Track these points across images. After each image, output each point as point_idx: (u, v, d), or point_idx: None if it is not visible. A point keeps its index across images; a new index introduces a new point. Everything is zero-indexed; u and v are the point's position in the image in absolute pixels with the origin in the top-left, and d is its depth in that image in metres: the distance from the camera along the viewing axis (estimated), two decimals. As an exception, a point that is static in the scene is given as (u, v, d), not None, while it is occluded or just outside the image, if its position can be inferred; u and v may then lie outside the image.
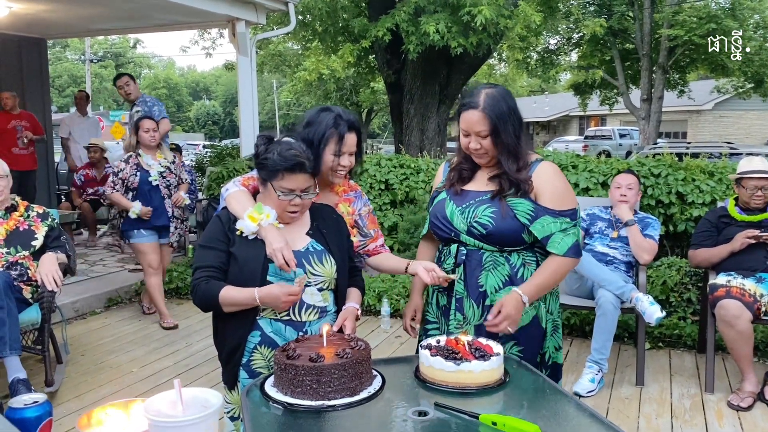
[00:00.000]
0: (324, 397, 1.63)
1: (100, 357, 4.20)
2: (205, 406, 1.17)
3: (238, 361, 2.04)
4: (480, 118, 2.07)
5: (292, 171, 1.95)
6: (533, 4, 9.73)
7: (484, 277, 2.12)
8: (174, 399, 1.17)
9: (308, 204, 2.05)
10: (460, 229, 2.14)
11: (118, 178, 4.65)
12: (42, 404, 1.13)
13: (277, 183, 1.96)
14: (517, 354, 2.12)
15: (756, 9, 17.74)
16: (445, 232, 2.18)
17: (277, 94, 40.86)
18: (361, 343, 1.77)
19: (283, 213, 2.01)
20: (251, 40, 7.42)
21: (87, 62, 33.19)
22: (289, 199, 1.97)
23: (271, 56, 14.70)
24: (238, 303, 1.95)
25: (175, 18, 7.34)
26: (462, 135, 2.15)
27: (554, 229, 2.07)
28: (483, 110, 2.07)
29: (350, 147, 2.22)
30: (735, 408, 3.37)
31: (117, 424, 1.13)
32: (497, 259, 2.12)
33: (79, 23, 7.71)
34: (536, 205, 2.09)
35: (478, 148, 2.10)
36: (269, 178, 1.98)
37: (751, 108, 27.33)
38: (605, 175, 5.07)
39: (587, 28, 12.75)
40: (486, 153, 2.11)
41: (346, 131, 2.19)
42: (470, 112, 2.09)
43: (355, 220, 2.35)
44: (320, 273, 2.03)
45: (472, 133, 2.10)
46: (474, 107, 2.08)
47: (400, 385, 1.81)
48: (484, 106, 2.07)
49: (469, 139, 2.11)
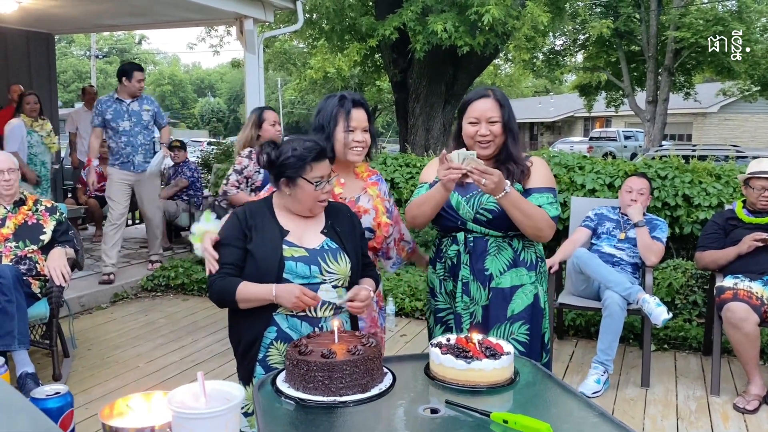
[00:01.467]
0: (335, 393, 1.63)
1: (106, 352, 4.22)
2: (228, 398, 1.18)
3: (254, 357, 2.05)
4: (493, 105, 2.28)
5: (318, 159, 2.04)
6: (540, 5, 9.72)
7: (490, 261, 2.30)
8: (197, 391, 1.18)
9: (331, 191, 2.12)
10: (467, 217, 2.30)
11: (243, 177, 4.00)
12: (64, 395, 1.14)
13: (308, 175, 2.02)
14: (525, 333, 2.30)
15: (763, 12, 17.69)
16: (452, 221, 2.32)
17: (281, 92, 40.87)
18: (372, 340, 1.77)
19: (315, 204, 2.06)
20: (259, 37, 7.43)
21: (92, 58, 33.28)
22: (321, 188, 2.04)
23: (276, 54, 14.71)
24: (255, 298, 1.98)
25: (183, 14, 7.36)
26: (469, 125, 2.30)
27: (542, 202, 2.27)
28: (495, 98, 2.29)
29: (360, 122, 2.31)
30: (741, 411, 3.37)
31: (139, 415, 1.14)
32: (501, 244, 2.31)
33: (87, 18, 7.74)
34: (524, 188, 2.30)
35: (486, 135, 2.27)
36: (298, 174, 2.02)
37: (757, 111, 27.28)
38: (612, 177, 5.07)
39: (594, 29, 12.77)
40: (493, 141, 2.28)
41: (352, 107, 2.30)
42: (483, 100, 2.30)
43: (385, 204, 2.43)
44: (335, 271, 2.05)
45: (483, 121, 2.27)
46: (486, 96, 2.30)
47: (410, 382, 1.81)
48: (496, 96, 2.30)
49: (477, 128, 2.28)
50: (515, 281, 2.31)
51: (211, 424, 1.07)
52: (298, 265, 2.00)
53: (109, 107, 5.46)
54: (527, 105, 39.99)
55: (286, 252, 2.01)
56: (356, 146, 2.30)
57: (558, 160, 5.37)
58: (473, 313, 2.31)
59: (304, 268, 2.00)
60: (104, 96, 5.59)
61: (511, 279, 2.31)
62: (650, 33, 18.61)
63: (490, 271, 2.30)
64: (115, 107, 5.46)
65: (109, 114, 5.45)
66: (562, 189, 5.16)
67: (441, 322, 2.42)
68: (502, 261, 2.30)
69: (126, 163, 5.53)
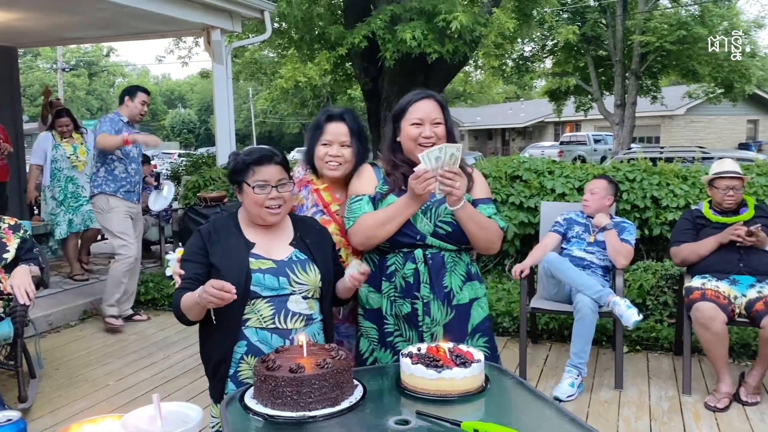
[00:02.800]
0: (305, 407, 1.61)
1: (75, 371, 4.13)
2: (185, 420, 1.16)
3: (224, 374, 2.02)
4: (436, 107, 2.20)
5: (260, 163, 2.01)
6: (507, 12, 9.82)
7: (448, 278, 2.18)
8: (153, 414, 1.15)
9: (288, 199, 2.06)
10: (425, 231, 2.15)
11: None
12: (16, 422, 1.10)
13: (250, 179, 2.00)
14: (485, 346, 2.24)
15: (724, 16, 18.10)
16: (410, 236, 2.15)
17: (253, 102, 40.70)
18: (341, 353, 1.75)
19: (261, 211, 2.01)
20: (227, 48, 7.38)
21: (59, 71, 32.79)
22: (265, 193, 1.99)
23: (246, 64, 14.64)
24: (191, 304, 1.89)
25: (150, 26, 7.28)
26: (412, 126, 2.19)
27: (489, 213, 2.23)
28: (437, 100, 2.22)
29: (337, 136, 2.25)
30: (712, 409, 3.41)
31: (94, 441, 1.11)
32: (455, 258, 2.21)
33: (52, 31, 7.61)
34: (472, 198, 2.23)
35: (431, 136, 2.17)
36: (243, 178, 2.02)
37: (722, 113, 27.89)
38: (581, 180, 5.11)
39: (561, 35, 12.92)
40: (436, 143, 2.14)
41: (325, 121, 2.26)
42: (426, 101, 2.21)
43: None
44: (304, 282, 2.03)
45: (427, 122, 2.18)
46: (428, 97, 2.21)
47: (381, 394, 1.80)
48: (437, 98, 2.22)
49: (421, 129, 2.18)
50: (472, 295, 2.24)
51: (168, 447, 1.04)
52: (266, 276, 1.98)
53: (122, 128, 4.88)
54: (498, 111, 40.33)
55: (253, 264, 1.99)
56: (331, 161, 2.24)
57: (528, 165, 5.41)
58: (434, 334, 2.15)
59: (272, 279, 1.98)
60: (109, 114, 5.01)
61: (469, 293, 2.23)
62: (617, 38, 18.92)
63: (449, 287, 2.18)
64: (126, 131, 4.91)
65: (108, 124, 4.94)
66: (533, 194, 5.20)
67: (390, 346, 2.21)
68: (459, 276, 2.21)
69: (131, 192, 5.06)
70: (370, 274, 2.18)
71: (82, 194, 5.99)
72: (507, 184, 5.33)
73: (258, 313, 1.99)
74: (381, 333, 2.22)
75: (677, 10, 19.23)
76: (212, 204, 5.53)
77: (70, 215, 5.99)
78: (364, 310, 2.27)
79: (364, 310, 2.27)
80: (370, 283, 2.23)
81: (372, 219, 2.14)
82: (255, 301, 1.99)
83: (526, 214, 5.15)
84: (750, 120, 31.94)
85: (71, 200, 6.00)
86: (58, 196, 5.98)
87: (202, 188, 6.19)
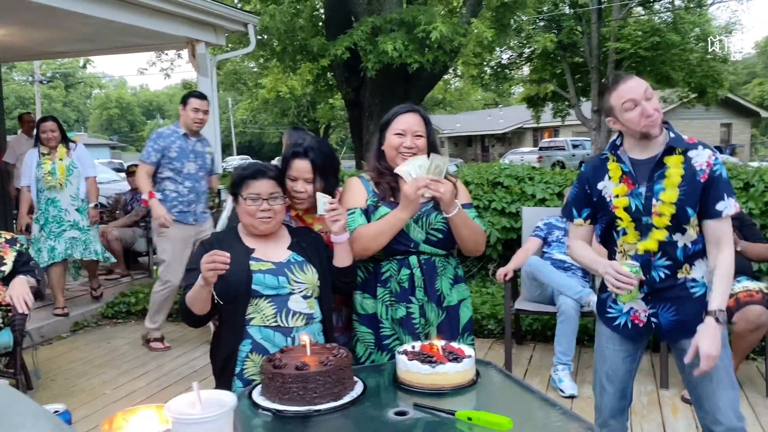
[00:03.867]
0: (310, 402, 1.73)
1: (71, 381, 4.20)
2: (221, 405, 1.28)
3: (231, 371, 2.13)
4: (419, 120, 2.35)
5: (254, 177, 2.17)
6: (486, 22, 10.04)
7: (439, 281, 2.33)
8: (192, 400, 1.28)
9: (279, 211, 2.19)
10: (418, 239, 2.30)
11: None
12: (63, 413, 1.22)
13: (245, 192, 2.16)
14: (471, 344, 2.37)
15: (696, 23, 18.55)
16: (403, 244, 2.29)
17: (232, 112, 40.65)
18: (342, 351, 1.88)
19: (254, 221, 2.16)
20: (211, 60, 7.49)
21: (36, 83, 32.54)
22: (256, 205, 2.14)
23: (226, 74, 14.75)
24: (194, 294, 2.03)
25: (134, 40, 7.36)
26: (395, 136, 2.32)
27: (473, 216, 2.36)
28: (421, 115, 2.36)
29: (301, 173, 2.32)
30: (688, 402, 3.57)
31: (138, 427, 1.23)
32: (444, 262, 2.35)
33: (36, 46, 7.66)
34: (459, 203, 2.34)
35: (412, 147, 2.30)
36: (238, 191, 2.18)
37: (696, 117, 28.43)
38: (560, 186, 5.29)
39: (538, 43, 13.19)
40: (416, 154, 2.29)
41: (291, 156, 2.35)
42: (410, 114, 2.35)
43: None
44: (303, 281, 2.16)
45: (409, 134, 2.32)
46: (413, 111, 2.37)
47: (379, 389, 1.93)
48: (421, 113, 2.37)
49: (403, 140, 2.31)
50: (460, 296, 2.39)
51: (207, 428, 1.16)
52: (266, 276, 2.11)
53: (173, 143, 4.53)
54: (478, 118, 40.70)
55: (254, 266, 2.12)
56: (296, 195, 2.34)
57: (509, 171, 5.58)
58: (428, 334, 2.30)
59: (272, 279, 2.11)
60: (165, 128, 4.68)
61: (457, 295, 2.38)
62: (592, 45, 19.28)
63: (440, 290, 2.33)
64: (181, 144, 4.55)
65: (173, 151, 4.51)
66: (514, 199, 5.37)
67: (386, 349, 2.33)
68: (448, 279, 2.36)
69: (186, 212, 4.59)
70: (363, 281, 2.34)
71: (66, 218, 5.24)
72: (489, 190, 5.49)
73: (261, 312, 2.11)
74: (377, 337, 2.34)
75: (651, 17, 19.67)
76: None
77: (51, 242, 5.18)
78: (359, 316, 2.38)
79: (359, 315, 2.39)
80: (365, 289, 2.36)
81: (366, 232, 2.27)
82: (257, 300, 2.12)
83: (508, 220, 5.32)
84: (723, 123, 32.65)
85: (53, 225, 5.21)
86: (39, 219, 5.23)
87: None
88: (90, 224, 5.38)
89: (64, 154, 5.27)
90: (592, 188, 2.32)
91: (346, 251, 2.23)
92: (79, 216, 5.30)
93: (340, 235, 2.19)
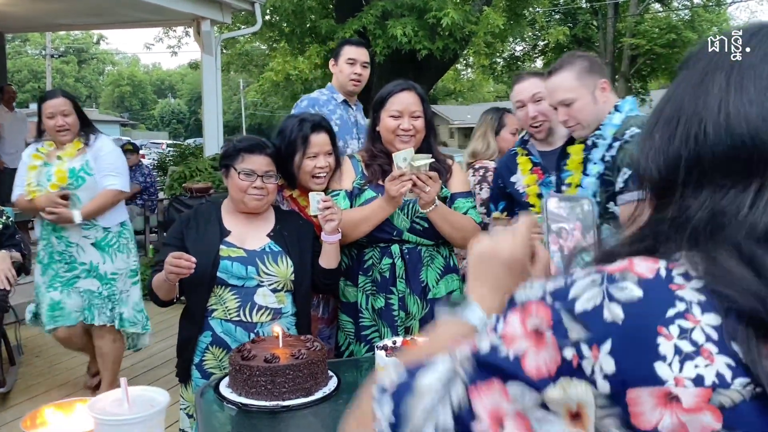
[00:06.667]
0: (278, 397, 1.63)
1: (55, 359, 4.12)
2: (152, 404, 1.17)
3: (190, 357, 2.04)
4: (416, 99, 2.19)
5: (251, 151, 2.05)
6: (498, 11, 9.86)
7: (425, 272, 2.18)
8: (120, 398, 1.17)
9: (272, 189, 2.08)
10: (402, 227, 2.16)
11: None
12: None
13: (238, 165, 2.04)
14: None
15: (714, 21, 18.28)
16: (386, 232, 2.16)
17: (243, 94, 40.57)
18: (317, 344, 1.78)
19: (245, 197, 2.04)
20: (216, 39, 7.38)
21: (48, 57, 32.51)
22: (250, 180, 2.02)
23: (237, 56, 14.60)
24: (160, 283, 1.96)
25: (139, 15, 7.26)
26: (390, 118, 2.17)
27: (467, 207, 2.25)
28: (418, 93, 2.20)
29: (321, 146, 2.21)
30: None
31: (61, 425, 1.12)
32: (432, 252, 2.21)
33: (41, 17, 7.57)
34: (450, 191, 2.25)
35: (409, 129, 2.17)
36: (230, 163, 2.06)
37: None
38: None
39: (551, 35, 12.99)
40: (414, 136, 2.17)
41: (310, 132, 2.20)
42: (406, 93, 2.19)
43: None
44: (274, 273, 2.04)
45: (406, 115, 2.17)
46: (409, 89, 2.20)
47: (356, 385, 1.82)
48: (418, 90, 2.22)
49: (400, 121, 2.17)
50: (449, 288, 2.24)
51: (134, 429, 1.06)
52: (234, 264, 2.00)
53: (333, 113, 3.10)
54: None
55: (223, 252, 2.01)
56: (319, 172, 2.20)
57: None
58: (410, 327, 2.16)
59: (240, 268, 2.00)
60: (318, 92, 3.27)
61: (446, 286, 2.22)
62: (607, 40, 19.05)
63: (426, 282, 2.19)
64: (342, 115, 3.19)
65: (334, 123, 2.88)
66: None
67: (365, 340, 2.20)
68: (436, 270, 2.21)
69: None
70: (347, 267, 2.21)
71: (78, 258, 3.33)
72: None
73: (223, 304, 2.01)
74: (357, 327, 2.22)
75: (668, 14, 19.38)
76: (198, 195, 5.55)
77: (56, 292, 3.34)
78: (341, 304, 2.28)
79: (341, 303, 2.28)
80: (347, 276, 2.24)
81: (347, 218, 2.13)
82: (221, 289, 2.00)
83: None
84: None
85: (59, 265, 3.35)
86: (42, 258, 3.42)
87: (188, 179, 6.18)
88: (117, 270, 3.39)
89: (75, 152, 3.33)
90: (505, 182, 2.48)
91: (335, 252, 2.10)
92: (99, 255, 3.35)
93: (331, 236, 2.06)
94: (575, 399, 0.55)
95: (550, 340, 0.56)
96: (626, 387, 0.53)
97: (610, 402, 0.54)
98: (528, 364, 0.56)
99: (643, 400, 0.52)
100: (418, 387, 0.62)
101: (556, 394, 0.55)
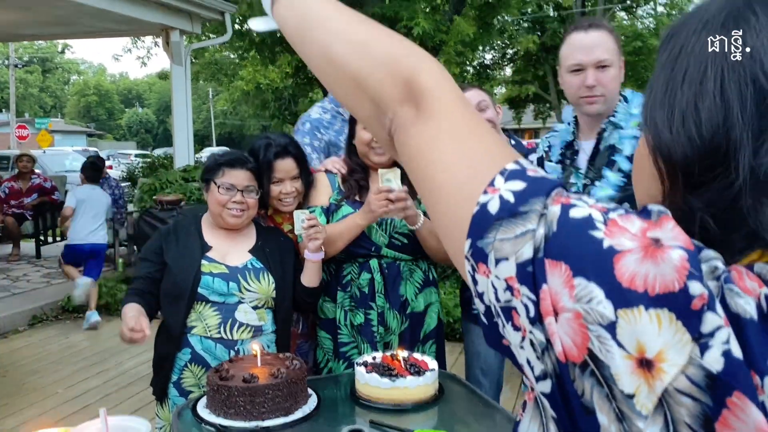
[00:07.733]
0: (258, 417, 1.60)
1: (22, 378, 4.01)
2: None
3: (167, 375, 2.00)
4: None
5: (232, 165, 2.03)
6: (468, 20, 9.94)
7: (404, 287, 2.15)
8: (100, 428, 1.13)
9: (252, 205, 2.05)
10: (380, 243, 2.13)
11: None
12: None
13: (219, 179, 2.01)
14: (434, 352, 2.20)
15: (678, 29, 18.65)
16: (364, 248, 2.13)
17: (213, 103, 40.22)
18: (296, 362, 1.75)
19: (224, 212, 2.01)
20: (186, 49, 7.30)
21: (11, 67, 31.82)
22: (230, 195, 1.99)
23: (206, 65, 14.47)
24: (123, 319, 1.89)
25: (108, 25, 7.15)
26: (364, 130, 2.11)
27: None
28: None
29: (287, 172, 2.15)
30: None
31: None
32: (411, 267, 2.17)
33: (3, 28, 7.41)
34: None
35: None
36: (211, 177, 2.03)
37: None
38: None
39: (521, 44, 13.14)
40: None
41: (274, 158, 2.13)
42: None
43: None
44: (255, 290, 2.01)
45: None
46: None
47: (336, 403, 1.80)
48: None
49: None
50: (427, 300, 2.21)
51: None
52: (215, 280, 1.96)
53: (332, 125, 2.83)
54: (459, 117, 40.67)
55: (205, 267, 1.97)
56: (285, 197, 2.16)
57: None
58: (389, 343, 2.13)
59: (222, 284, 1.96)
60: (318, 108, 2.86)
61: (424, 300, 2.20)
62: (575, 48, 19.29)
63: (405, 296, 2.15)
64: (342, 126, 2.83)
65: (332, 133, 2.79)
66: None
67: (344, 357, 2.15)
68: (415, 284, 2.18)
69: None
70: (325, 283, 2.17)
71: None
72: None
73: (204, 321, 1.97)
74: (335, 344, 2.18)
75: (633, 22, 19.75)
76: (169, 207, 5.46)
77: None
78: (320, 320, 2.23)
79: (319, 320, 2.24)
80: (326, 292, 2.19)
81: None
82: (201, 306, 1.97)
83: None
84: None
85: None
86: None
87: (158, 191, 6.09)
88: None
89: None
90: None
91: (317, 271, 2.07)
92: None
93: (315, 254, 2.03)
94: (661, 344, 0.41)
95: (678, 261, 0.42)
96: (734, 388, 0.40)
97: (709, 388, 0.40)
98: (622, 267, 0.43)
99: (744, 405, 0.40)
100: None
101: (645, 320, 0.41)
